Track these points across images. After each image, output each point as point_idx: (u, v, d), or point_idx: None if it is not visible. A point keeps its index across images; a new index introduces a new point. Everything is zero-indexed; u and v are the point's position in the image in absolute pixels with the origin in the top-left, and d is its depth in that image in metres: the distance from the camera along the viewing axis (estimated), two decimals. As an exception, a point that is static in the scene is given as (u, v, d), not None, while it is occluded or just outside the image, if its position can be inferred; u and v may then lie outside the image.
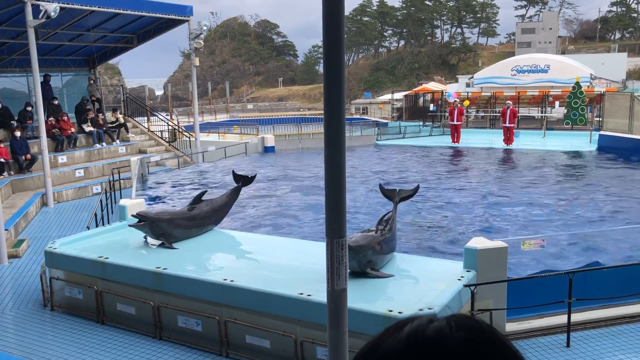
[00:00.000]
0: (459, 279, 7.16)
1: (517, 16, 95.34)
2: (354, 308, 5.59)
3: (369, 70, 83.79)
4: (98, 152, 20.95)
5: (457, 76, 61.58)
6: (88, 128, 21.30)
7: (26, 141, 18.34)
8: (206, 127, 32.59)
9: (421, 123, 33.53)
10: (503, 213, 14.05)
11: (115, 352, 7.51)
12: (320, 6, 3.56)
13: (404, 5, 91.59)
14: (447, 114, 29.88)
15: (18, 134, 17.96)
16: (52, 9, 15.26)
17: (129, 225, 9.33)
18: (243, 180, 10.94)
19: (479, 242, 7.65)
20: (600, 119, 27.71)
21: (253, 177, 11.21)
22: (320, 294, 6.17)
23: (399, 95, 44.61)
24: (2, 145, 17.35)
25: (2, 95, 20.44)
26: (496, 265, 7.45)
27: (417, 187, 9.55)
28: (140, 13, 20.45)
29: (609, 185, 17.10)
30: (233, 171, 11.51)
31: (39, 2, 15.43)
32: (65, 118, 20.55)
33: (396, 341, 0.86)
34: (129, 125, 23.74)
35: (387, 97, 50.93)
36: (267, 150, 26.07)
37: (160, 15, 21.51)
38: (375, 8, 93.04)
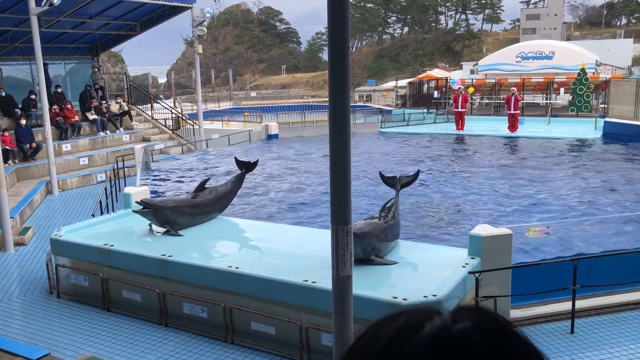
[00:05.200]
0: (464, 266, 7.17)
1: (521, 2, 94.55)
2: (359, 295, 5.61)
3: (373, 57, 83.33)
4: (102, 140, 20.97)
5: (462, 63, 61.23)
6: (92, 116, 21.30)
7: (31, 129, 18.37)
8: (209, 115, 32.57)
9: (425, 110, 33.39)
10: (508, 200, 14.04)
11: (121, 339, 7.56)
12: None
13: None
14: (451, 101, 29.76)
15: (23, 122, 17.98)
16: (55, -4, 15.19)
17: (133, 211, 9.36)
18: (246, 167, 10.91)
19: (483, 229, 7.65)
20: (606, 106, 27.54)
21: (255, 163, 11.14)
22: (325, 281, 6.20)
23: (403, 82, 44.39)
24: (6, 133, 17.39)
25: (6, 84, 20.43)
26: (500, 252, 7.45)
27: (418, 173, 9.54)
28: (143, 0, 20.37)
29: (614, 172, 17.05)
30: (235, 158, 11.47)
31: (41, -10, 15.37)
32: (69, 106, 20.55)
33: (416, 345, 0.77)
34: (132, 113, 23.72)
35: (391, 84, 50.67)
36: (271, 137, 26.05)
37: (163, 2, 21.41)
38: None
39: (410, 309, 0.83)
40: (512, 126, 25.44)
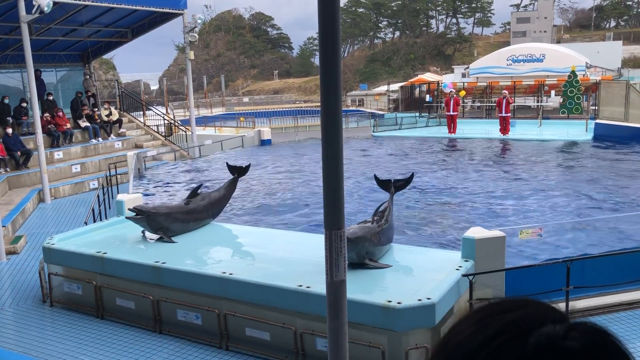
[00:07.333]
0: (457, 269, 7.18)
1: (512, 5, 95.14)
2: (353, 299, 5.60)
3: (365, 62, 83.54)
4: (94, 148, 20.89)
5: (453, 66, 61.44)
6: (84, 123, 21.22)
7: (19, 137, 18.27)
8: (202, 121, 32.55)
9: (417, 114, 33.49)
10: (500, 203, 14.08)
11: (115, 347, 7.52)
12: (316, -3, 3.55)
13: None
14: (443, 105, 29.88)
15: (9, 130, 17.86)
16: (46, 3, 15.15)
17: (126, 217, 9.32)
18: (238, 171, 10.88)
19: (476, 232, 7.66)
20: (596, 108, 27.72)
21: (248, 167, 11.11)
22: (319, 286, 6.19)
23: (395, 86, 44.54)
24: (-3, 141, 17.32)
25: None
26: (494, 254, 7.47)
27: (412, 176, 9.54)
28: (134, 7, 20.34)
29: (605, 174, 17.15)
30: (227, 163, 11.43)
31: (32, -3, 15.32)
32: (61, 114, 20.48)
33: (515, 351, 0.75)
34: (124, 120, 23.65)
35: (383, 88, 50.82)
36: (264, 143, 26.04)
37: (154, 9, 21.40)
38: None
39: (530, 306, 0.82)
40: (504, 129, 25.55)
